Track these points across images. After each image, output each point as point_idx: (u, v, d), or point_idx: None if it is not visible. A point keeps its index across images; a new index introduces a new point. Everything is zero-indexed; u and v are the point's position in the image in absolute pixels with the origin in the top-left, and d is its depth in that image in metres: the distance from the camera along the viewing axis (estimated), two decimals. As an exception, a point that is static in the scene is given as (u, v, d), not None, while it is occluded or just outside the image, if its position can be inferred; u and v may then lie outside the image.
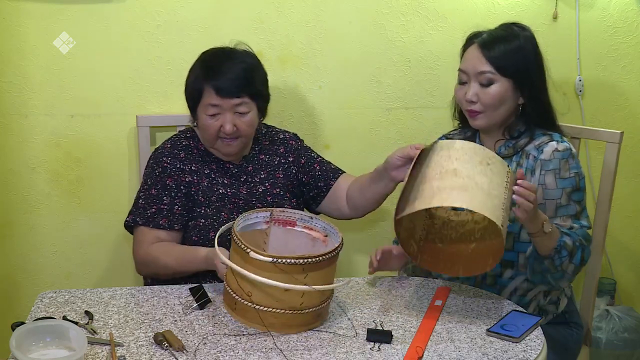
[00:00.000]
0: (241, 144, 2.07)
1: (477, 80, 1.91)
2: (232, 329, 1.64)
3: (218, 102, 1.99)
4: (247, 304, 1.60)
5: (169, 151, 2.07)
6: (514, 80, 1.89)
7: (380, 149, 2.66)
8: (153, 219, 2.00)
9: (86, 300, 1.80)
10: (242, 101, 2.01)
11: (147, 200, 2.03)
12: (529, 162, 1.90)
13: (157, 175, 2.05)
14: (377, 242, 2.71)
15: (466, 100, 1.93)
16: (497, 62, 1.88)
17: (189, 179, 2.05)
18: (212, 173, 2.08)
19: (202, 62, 2.05)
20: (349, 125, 2.64)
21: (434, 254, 1.78)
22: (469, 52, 1.95)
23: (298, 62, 2.55)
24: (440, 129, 2.59)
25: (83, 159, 2.48)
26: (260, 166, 2.15)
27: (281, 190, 2.13)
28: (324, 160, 2.24)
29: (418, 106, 2.66)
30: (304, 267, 1.56)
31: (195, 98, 2.03)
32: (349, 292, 1.87)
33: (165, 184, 2.03)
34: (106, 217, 2.51)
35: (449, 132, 2.13)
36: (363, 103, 2.63)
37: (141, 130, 2.44)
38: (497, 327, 1.65)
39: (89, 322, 1.67)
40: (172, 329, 1.64)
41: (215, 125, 2.01)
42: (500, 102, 1.90)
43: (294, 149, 2.20)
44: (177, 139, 2.12)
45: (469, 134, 2.05)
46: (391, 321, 1.71)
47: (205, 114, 2.01)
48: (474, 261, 1.73)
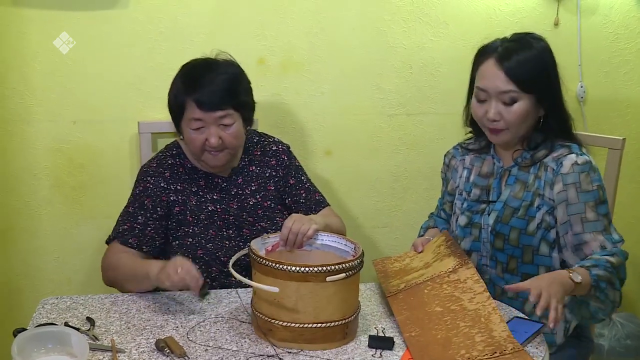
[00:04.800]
0: (228, 156, 2.02)
1: (499, 99, 1.84)
2: (233, 336, 1.64)
3: (201, 116, 1.94)
4: (289, 325, 1.58)
5: (154, 170, 2.04)
6: (535, 94, 1.84)
7: (381, 155, 2.67)
8: (123, 235, 1.97)
9: (88, 306, 1.79)
10: (226, 113, 1.95)
11: (123, 217, 2.01)
12: (548, 174, 1.86)
13: (137, 193, 2.02)
14: (378, 249, 2.73)
15: (488, 119, 1.87)
16: (519, 79, 1.82)
17: (173, 199, 2.01)
18: (199, 190, 2.04)
19: (182, 75, 1.99)
20: (351, 131, 2.64)
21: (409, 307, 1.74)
22: (486, 68, 1.86)
23: (299, 69, 2.55)
24: (441, 135, 2.63)
25: (85, 165, 2.48)
26: (251, 178, 2.10)
27: (272, 203, 2.10)
28: (311, 188, 2.18)
29: (420, 112, 2.66)
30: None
31: (178, 113, 1.97)
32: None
33: (142, 204, 2.00)
34: (108, 223, 2.41)
35: (464, 142, 2.08)
36: (364, 109, 2.63)
37: (143, 137, 2.44)
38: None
39: (90, 329, 1.66)
40: (174, 335, 1.63)
41: (200, 138, 1.96)
42: (523, 119, 1.85)
43: (285, 165, 2.15)
44: (163, 157, 2.07)
45: (483, 144, 2.02)
46: (393, 327, 1.70)
47: (190, 128, 1.96)
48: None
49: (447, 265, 1.80)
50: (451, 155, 2.10)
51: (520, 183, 1.90)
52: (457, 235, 1.99)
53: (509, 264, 1.89)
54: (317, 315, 1.56)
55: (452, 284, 1.73)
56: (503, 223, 1.89)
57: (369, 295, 1.89)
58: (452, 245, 1.88)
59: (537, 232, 1.85)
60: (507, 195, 1.91)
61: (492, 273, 1.94)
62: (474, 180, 1.99)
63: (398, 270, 1.90)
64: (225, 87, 1.96)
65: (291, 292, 1.55)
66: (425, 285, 1.76)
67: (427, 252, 1.93)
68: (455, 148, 2.10)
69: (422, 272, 1.83)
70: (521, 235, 1.86)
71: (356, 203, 2.70)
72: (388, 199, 2.73)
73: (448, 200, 2.11)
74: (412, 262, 1.92)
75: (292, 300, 1.56)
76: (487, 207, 1.94)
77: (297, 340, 1.57)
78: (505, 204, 1.90)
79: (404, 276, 1.85)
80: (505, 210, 1.89)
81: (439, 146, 2.39)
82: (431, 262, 1.86)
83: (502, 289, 1.92)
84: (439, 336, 1.58)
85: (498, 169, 1.96)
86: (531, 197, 1.87)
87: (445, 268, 1.79)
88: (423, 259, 1.90)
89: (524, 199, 1.88)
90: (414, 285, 1.78)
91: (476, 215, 1.95)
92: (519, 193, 1.89)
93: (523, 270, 1.89)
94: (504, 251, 1.90)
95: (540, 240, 1.86)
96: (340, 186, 2.67)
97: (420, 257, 1.93)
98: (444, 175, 2.13)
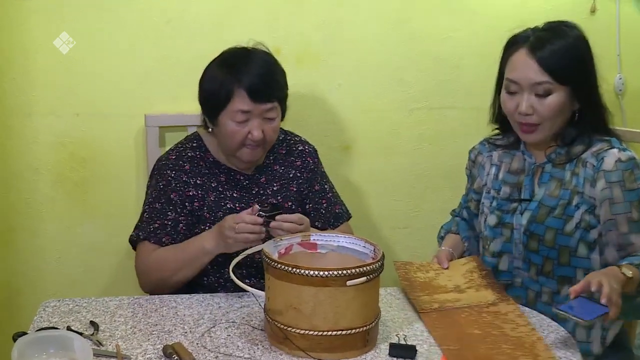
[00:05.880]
0: (263, 151, 2.04)
1: (532, 91, 1.83)
2: (246, 343, 1.63)
3: (250, 108, 1.94)
4: (307, 333, 1.56)
5: (173, 163, 2.03)
6: (570, 86, 1.83)
7: (401, 151, 2.66)
8: (155, 234, 1.97)
9: (91, 309, 1.79)
10: (273, 106, 1.97)
11: (151, 215, 2.00)
12: (587, 170, 1.84)
13: (160, 188, 2.02)
14: (397, 252, 2.72)
15: (519, 113, 1.85)
16: (554, 70, 1.80)
17: (193, 193, 2.01)
18: (219, 186, 2.04)
19: (228, 64, 1.98)
20: (370, 126, 2.63)
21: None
22: (517, 58, 1.84)
23: (316, 61, 2.54)
24: (465, 131, 2.61)
25: (89, 160, 2.48)
26: (274, 177, 2.11)
27: (293, 204, 2.10)
28: (332, 199, 2.17)
29: (442, 106, 2.65)
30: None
31: (221, 103, 1.96)
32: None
33: (169, 199, 2.00)
34: (112, 221, 2.51)
35: (490, 137, 2.07)
36: (384, 103, 2.62)
37: (150, 131, 2.43)
38: (566, 307, 1.62)
39: (94, 333, 1.65)
40: (183, 341, 1.62)
41: (243, 132, 1.96)
42: (558, 113, 1.84)
43: (310, 168, 2.15)
44: (182, 149, 2.07)
45: (512, 139, 2.00)
46: (415, 335, 1.69)
47: (233, 120, 1.95)
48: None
49: (485, 297, 1.82)
50: (477, 151, 2.09)
51: (556, 180, 1.88)
52: (487, 236, 1.98)
53: (544, 266, 1.88)
54: (337, 322, 1.55)
55: (492, 314, 1.75)
56: (538, 223, 1.87)
57: (389, 301, 1.88)
58: (487, 276, 1.90)
59: (576, 232, 1.84)
60: (542, 193, 1.89)
61: (524, 276, 1.93)
62: (503, 177, 1.98)
63: (423, 283, 1.90)
64: (275, 78, 1.99)
65: (309, 297, 1.53)
66: (462, 311, 1.77)
67: (455, 273, 1.94)
68: (482, 143, 2.08)
69: (456, 296, 1.84)
70: (558, 236, 1.85)
71: (374, 202, 2.69)
72: (408, 198, 2.72)
73: (474, 198, 2.10)
74: (438, 278, 1.92)
75: (310, 307, 1.54)
76: (518, 206, 1.93)
77: (314, 349, 1.55)
78: (541, 202, 1.89)
79: (433, 294, 1.85)
80: (541, 209, 1.88)
81: (462, 143, 2.38)
82: (464, 288, 1.87)
83: (536, 293, 1.91)
84: (480, 351, 1.58)
85: (530, 165, 1.94)
86: (569, 195, 1.85)
87: (484, 300, 1.81)
88: (451, 279, 1.91)
89: (561, 197, 1.86)
90: (450, 308, 1.79)
91: (507, 215, 1.94)
92: (555, 191, 1.88)
93: (559, 273, 1.87)
94: (538, 253, 1.88)
95: (579, 241, 1.85)
96: (358, 184, 2.66)
97: (448, 275, 1.93)
98: (469, 172, 2.12)
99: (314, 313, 1.54)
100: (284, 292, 1.56)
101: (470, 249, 2.10)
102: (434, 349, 1.62)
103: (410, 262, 2.00)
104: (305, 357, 1.56)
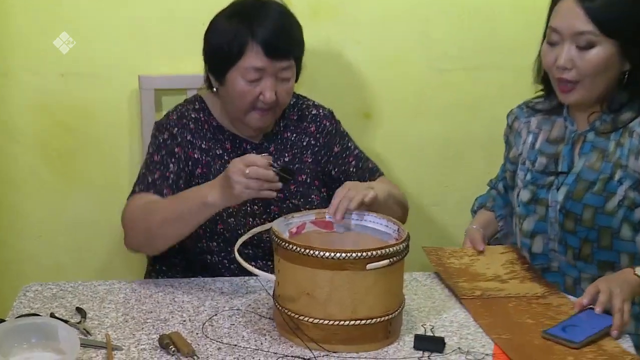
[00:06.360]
0: (274, 117, 2.05)
1: (573, 41, 1.83)
2: (252, 332, 1.64)
3: (264, 65, 1.94)
4: (321, 322, 1.57)
5: (175, 122, 2.04)
6: (620, 42, 1.82)
7: (430, 118, 2.64)
8: (155, 185, 1.94)
9: (78, 294, 1.80)
10: (289, 64, 1.98)
11: (150, 167, 1.98)
12: (633, 141, 1.84)
13: (161, 142, 2.01)
14: (425, 233, 2.69)
15: (557, 67, 1.85)
16: (601, 20, 1.80)
17: (197, 157, 2.02)
18: (225, 154, 2.05)
19: (240, 15, 1.98)
20: (393, 89, 2.61)
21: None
22: (563, 5, 1.85)
23: (332, 13, 2.53)
24: (504, 94, 2.57)
25: (76, 127, 2.48)
26: (285, 147, 2.11)
27: (308, 178, 2.11)
28: (361, 155, 2.19)
29: (477, 66, 2.63)
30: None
31: (231, 58, 1.95)
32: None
33: (172, 151, 1.99)
34: (103, 196, 2.52)
35: (530, 100, 2.08)
36: (410, 62, 2.60)
37: (144, 94, 2.43)
38: (557, 329, 1.63)
39: (81, 321, 1.66)
40: (181, 330, 1.63)
41: (254, 92, 1.96)
42: (601, 70, 1.83)
43: (326, 131, 2.16)
44: (184, 110, 2.08)
45: (554, 103, 1.99)
46: (444, 326, 1.69)
47: (244, 79, 1.96)
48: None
49: (533, 290, 1.85)
50: (514, 115, 2.09)
51: (598, 152, 1.89)
52: (520, 213, 1.99)
53: (581, 249, 1.89)
54: (355, 310, 1.56)
55: (542, 305, 1.78)
56: (575, 200, 1.88)
57: (415, 287, 1.88)
58: (531, 269, 1.93)
59: (618, 212, 1.84)
60: (580, 165, 1.90)
61: (561, 260, 1.93)
62: (540, 146, 1.99)
63: (459, 270, 1.92)
64: (293, 32, 1.99)
65: (324, 282, 1.54)
66: (509, 301, 1.80)
67: (493, 262, 1.96)
68: (520, 107, 2.09)
69: (498, 285, 1.86)
70: (597, 215, 1.85)
71: (399, 177, 2.67)
72: (438, 172, 2.71)
73: (509, 169, 2.11)
74: (475, 265, 1.94)
75: (325, 293, 1.55)
76: (555, 180, 1.93)
77: (329, 340, 1.56)
78: (579, 176, 1.89)
79: (473, 281, 1.87)
80: (578, 184, 1.88)
81: (500, 108, 2.32)
82: (506, 279, 1.89)
83: (574, 280, 1.93)
84: (536, 342, 1.60)
85: (570, 133, 1.94)
86: (611, 169, 1.86)
87: (531, 292, 1.84)
88: (490, 267, 1.93)
89: (601, 170, 1.87)
90: (493, 297, 1.81)
91: (542, 190, 1.95)
92: (596, 163, 1.88)
93: (600, 257, 1.88)
94: (575, 234, 1.88)
95: (622, 221, 1.85)
96: (381, 156, 2.63)
97: (485, 263, 1.95)
98: (506, 138, 2.13)
99: (329, 300, 1.55)
100: (296, 277, 1.57)
101: (505, 228, 2.12)
102: (465, 341, 1.63)
103: (442, 248, 2.02)
104: (318, 349, 1.56)
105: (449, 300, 1.82)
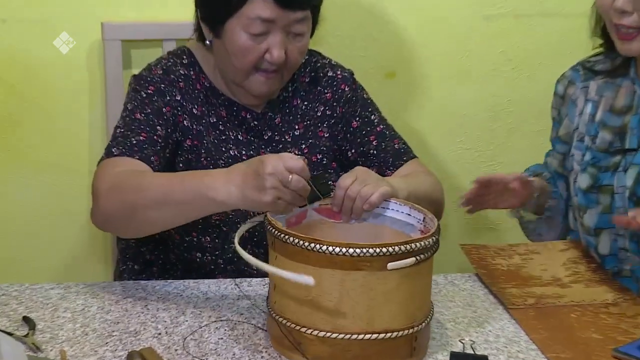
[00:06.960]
0: (281, 81, 2.02)
1: None
2: (243, 349, 1.62)
3: (273, 16, 1.89)
4: (329, 336, 1.54)
5: (161, 77, 2.01)
6: None
7: (473, 79, 2.64)
8: (141, 150, 1.88)
9: (25, 300, 1.79)
10: (304, 16, 1.94)
11: (131, 127, 1.93)
12: None
13: (144, 97, 1.96)
14: (466, 224, 2.70)
15: (615, 11, 1.83)
16: None
17: (187, 124, 2.00)
18: (219, 123, 2.04)
19: None
20: (424, 42, 2.61)
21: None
22: None
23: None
24: (567, 48, 2.57)
25: (20, 88, 2.47)
26: (294, 117, 2.10)
27: (324, 157, 2.10)
28: (387, 131, 2.16)
29: (532, 13, 2.61)
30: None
31: (232, 5, 1.92)
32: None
33: (159, 110, 1.95)
34: (58, 175, 2.51)
35: (588, 59, 2.07)
36: (446, 7, 2.59)
37: (109, 45, 2.41)
38: (632, 347, 1.62)
39: (29, 334, 1.65)
40: (155, 346, 1.62)
41: (258, 49, 1.93)
42: None
43: (345, 98, 2.13)
44: (170, 65, 2.05)
45: (618, 62, 1.98)
46: (488, 342, 1.68)
47: (246, 32, 1.92)
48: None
49: (601, 295, 1.87)
50: (567, 80, 2.09)
51: None
52: (579, 205, 1.99)
53: None
54: (371, 321, 1.54)
55: (614, 316, 1.79)
56: None
57: (451, 293, 1.89)
58: (599, 271, 1.95)
59: None
60: None
61: (635, 261, 1.94)
62: (602, 118, 1.98)
63: (508, 272, 1.94)
64: None
65: (331, 285, 1.52)
66: (570, 310, 1.81)
67: (552, 261, 1.97)
68: (575, 69, 2.09)
69: (557, 291, 1.88)
70: None
71: (433, 151, 2.69)
72: (483, 145, 2.71)
73: (559, 150, 2.12)
74: (527, 266, 1.96)
75: (334, 299, 1.53)
76: (622, 160, 1.93)
77: (339, 358, 1.55)
78: None
79: (524, 286, 1.89)
80: None
81: (562, 66, 2.29)
82: (567, 282, 1.91)
83: None
84: None
85: None
86: None
87: (599, 298, 1.86)
88: (547, 268, 1.95)
89: None
90: (550, 306, 1.82)
91: (605, 174, 1.95)
92: None
93: None
94: None
95: None
96: (408, 126, 2.62)
97: (541, 263, 1.97)
98: (557, 113, 2.13)
99: (339, 308, 1.54)
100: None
101: (556, 208, 2.09)
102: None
103: (485, 245, 2.03)
104: None
105: (494, 310, 1.82)
